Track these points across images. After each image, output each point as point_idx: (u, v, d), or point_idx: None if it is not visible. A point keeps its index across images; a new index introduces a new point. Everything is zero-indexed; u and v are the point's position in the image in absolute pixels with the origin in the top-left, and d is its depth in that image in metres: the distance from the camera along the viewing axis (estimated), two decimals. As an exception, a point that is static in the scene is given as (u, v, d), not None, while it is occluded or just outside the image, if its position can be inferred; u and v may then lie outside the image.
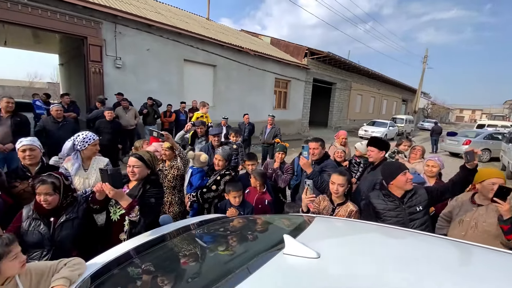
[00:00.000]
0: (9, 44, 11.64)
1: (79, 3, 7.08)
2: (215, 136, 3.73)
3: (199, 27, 11.52)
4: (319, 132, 16.46)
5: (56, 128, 4.76)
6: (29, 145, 2.31)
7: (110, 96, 7.69)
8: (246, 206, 2.66)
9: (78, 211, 1.95)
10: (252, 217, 2.36)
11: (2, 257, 1.22)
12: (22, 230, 1.78)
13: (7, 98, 4.55)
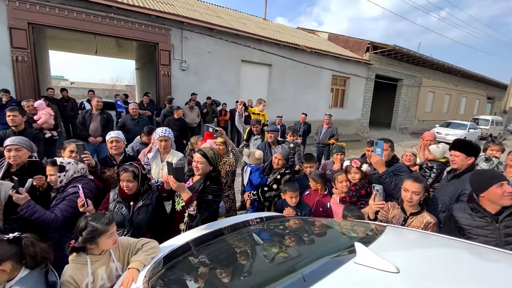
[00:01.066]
0: (99, 53, 13.79)
1: (153, 13, 7.93)
2: (271, 133, 3.72)
3: (256, 27, 11.74)
4: (381, 133, 15.11)
5: (133, 124, 5.44)
6: (115, 137, 2.68)
7: (176, 96, 8.43)
8: (303, 207, 2.58)
9: (152, 198, 2.17)
10: (312, 219, 2.27)
11: (102, 233, 1.42)
12: (109, 210, 2.06)
13: (97, 98, 5.38)
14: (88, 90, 7.84)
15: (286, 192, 2.55)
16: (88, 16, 7.11)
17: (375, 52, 14.23)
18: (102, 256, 1.52)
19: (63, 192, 2.08)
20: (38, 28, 7.08)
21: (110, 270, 1.53)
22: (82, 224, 1.44)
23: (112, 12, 7.39)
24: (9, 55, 6.43)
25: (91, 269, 1.45)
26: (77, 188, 2.07)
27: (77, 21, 7.01)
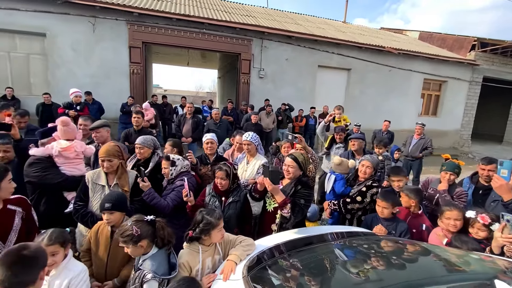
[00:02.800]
0: (190, 64, 15.80)
1: (238, 25, 8.61)
2: (355, 141, 3.49)
3: (335, 31, 11.35)
4: (487, 149, 12.38)
5: (215, 128, 5.98)
6: (211, 139, 2.99)
7: (253, 102, 8.89)
8: (399, 224, 2.30)
9: (240, 196, 2.31)
10: (411, 242, 2.00)
11: (214, 227, 1.60)
12: (205, 203, 2.30)
13: (189, 104, 6.13)
14: (181, 97, 9.06)
15: (378, 201, 2.33)
16: (186, 33, 8.24)
17: (483, 51, 11.80)
18: (210, 248, 1.69)
19: (172, 184, 2.43)
20: (148, 45, 8.60)
21: (214, 260, 1.70)
22: (199, 217, 1.64)
23: (204, 28, 8.36)
24: (127, 68, 8.01)
25: (202, 258, 1.64)
26: (183, 181, 2.38)
27: (177, 38, 8.21)
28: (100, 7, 7.38)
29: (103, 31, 7.66)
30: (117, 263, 1.84)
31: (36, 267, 1.09)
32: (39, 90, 7.40)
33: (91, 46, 7.65)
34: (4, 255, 1.06)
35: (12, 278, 1.02)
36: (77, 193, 2.16)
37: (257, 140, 3.07)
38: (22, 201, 1.83)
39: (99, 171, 2.20)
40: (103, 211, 1.78)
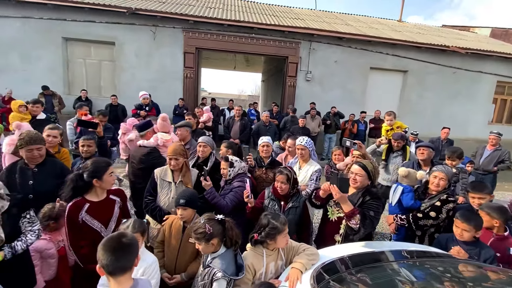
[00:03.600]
0: (236, 68, 16.29)
1: (287, 29, 8.59)
2: (424, 149, 3.16)
3: (390, 31, 10.61)
4: None
5: (265, 130, 6.00)
6: (267, 142, 2.98)
7: (298, 106, 8.75)
8: (483, 250, 1.99)
9: (300, 201, 2.24)
10: (498, 269, 1.71)
11: (280, 232, 1.58)
12: (264, 206, 2.28)
13: (238, 107, 6.27)
14: (228, 100, 9.37)
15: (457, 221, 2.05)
16: (235, 38, 8.50)
17: None
18: (273, 252, 1.67)
19: (229, 184, 2.47)
20: (200, 51, 9.07)
21: (277, 266, 1.67)
22: (264, 221, 1.63)
23: (253, 33, 8.52)
24: (182, 73, 8.55)
25: (266, 262, 1.62)
26: (242, 183, 2.41)
27: (227, 43, 8.51)
28: (160, 16, 8.03)
29: (162, 39, 8.31)
30: (186, 257, 1.92)
31: (133, 254, 1.19)
32: (107, 92, 8.33)
33: (151, 53, 8.36)
34: (107, 241, 1.17)
35: (115, 262, 1.12)
36: (147, 187, 2.33)
37: (311, 145, 2.97)
38: (120, 192, 2.04)
39: (166, 168, 2.34)
40: (178, 206, 1.89)
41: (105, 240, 1.18)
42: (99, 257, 1.14)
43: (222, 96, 34.96)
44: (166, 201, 2.25)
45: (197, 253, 1.91)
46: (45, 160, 2.21)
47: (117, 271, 1.12)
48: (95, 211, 1.87)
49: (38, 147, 2.17)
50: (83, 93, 7.70)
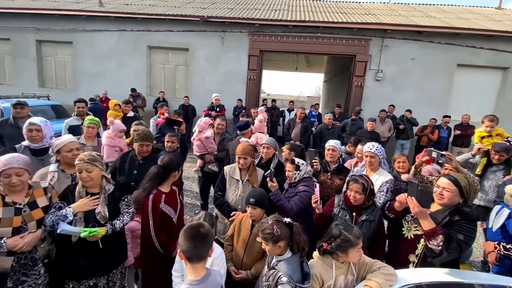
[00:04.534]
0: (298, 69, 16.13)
1: (355, 26, 8.05)
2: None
3: (485, 20, 8.92)
4: None
5: (328, 134, 5.74)
6: (333, 146, 2.83)
7: (366, 107, 8.11)
8: None
9: (375, 215, 2.04)
10: None
11: (353, 246, 1.46)
12: (332, 214, 2.15)
13: (301, 108, 6.15)
14: (289, 101, 9.31)
15: None
16: (300, 39, 8.38)
17: None
18: (344, 265, 1.56)
19: (294, 188, 2.42)
20: (264, 53, 9.25)
21: (347, 280, 1.55)
22: (335, 232, 1.53)
23: (319, 32, 8.26)
24: (245, 75, 8.88)
25: (335, 274, 1.52)
26: (307, 187, 2.33)
27: (291, 44, 8.47)
28: (229, 22, 8.49)
29: (229, 43, 8.78)
30: (253, 255, 1.95)
31: (208, 244, 1.28)
32: (181, 94, 9.23)
33: (219, 57, 8.92)
34: (188, 229, 1.28)
35: (193, 249, 1.22)
36: (217, 182, 2.47)
37: (382, 152, 2.67)
38: (176, 184, 2.24)
39: (234, 166, 2.44)
40: (248, 204, 1.94)
41: (187, 227, 1.29)
42: (180, 243, 1.26)
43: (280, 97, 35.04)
44: (234, 198, 2.34)
45: (264, 253, 1.92)
46: (149, 154, 2.58)
47: (194, 258, 1.22)
48: (168, 201, 2.08)
49: (147, 144, 2.55)
50: (161, 95, 8.70)
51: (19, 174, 1.66)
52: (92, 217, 1.80)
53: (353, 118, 6.64)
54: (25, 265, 1.68)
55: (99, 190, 1.88)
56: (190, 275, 1.26)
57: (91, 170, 1.80)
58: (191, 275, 1.26)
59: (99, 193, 1.87)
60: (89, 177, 1.80)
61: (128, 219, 1.96)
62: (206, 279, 1.26)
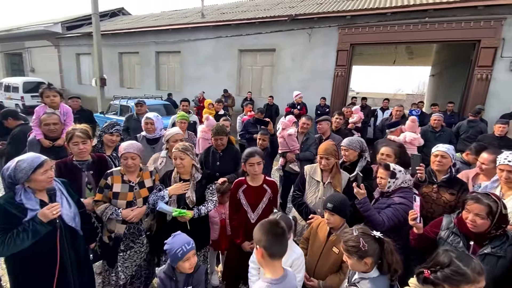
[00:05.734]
0: (396, 63, 14.16)
1: (482, 3, 6.35)
2: None
3: None
4: None
5: (434, 138, 4.73)
6: (443, 152, 2.26)
7: (491, 106, 6.33)
8: None
9: (507, 250, 1.50)
10: None
11: (469, 283, 1.13)
12: (438, 238, 1.71)
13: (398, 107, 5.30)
14: (383, 99, 8.24)
15: None
16: (400, 27, 7.26)
17: None
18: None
19: (388, 198, 2.06)
20: (355, 47, 8.49)
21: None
22: (444, 259, 1.19)
23: (427, 16, 6.94)
24: (332, 72, 8.37)
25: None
26: (405, 199, 1.94)
27: (389, 34, 7.44)
28: (317, 18, 8.18)
29: (316, 39, 8.47)
30: (327, 264, 1.78)
31: (286, 242, 1.25)
32: (266, 93, 9.56)
33: (305, 54, 8.73)
34: (267, 224, 1.28)
35: (274, 245, 1.20)
36: (296, 181, 2.37)
37: None
38: (273, 185, 2.19)
39: (315, 167, 2.27)
40: (325, 209, 1.78)
41: (265, 223, 1.27)
42: (258, 238, 1.24)
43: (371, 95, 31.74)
44: (313, 200, 2.18)
45: (341, 265, 1.71)
46: (227, 146, 2.77)
47: (276, 254, 1.20)
48: (248, 193, 2.13)
49: (221, 137, 2.74)
50: (249, 94, 9.22)
51: (133, 157, 2.00)
52: (183, 200, 2.01)
53: (471, 119, 5.24)
54: (133, 234, 2.03)
55: (189, 177, 2.09)
56: (268, 273, 1.23)
57: (183, 158, 2.01)
58: (269, 273, 1.22)
59: (189, 179, 2.08)
60: (181, 164, 2.01)
61: (212, 206, 2.10)
62: (284, 280, 1.21)
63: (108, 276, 2.08)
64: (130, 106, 6.95)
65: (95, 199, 1.99)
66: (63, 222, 1.63)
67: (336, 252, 1.76)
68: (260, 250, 1.23)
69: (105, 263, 2.10)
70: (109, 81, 9.93)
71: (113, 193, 1.96)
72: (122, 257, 2.00)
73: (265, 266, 1.25)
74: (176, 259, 1.53)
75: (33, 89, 10.79)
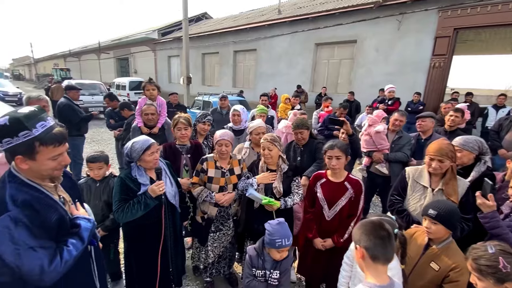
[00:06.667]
0: (513, 50, 11.28)
1: None
2: None
3: None
4: None
5: None
6: None
7: None
8: None
9: None
10: None
11: None
12: None
13: None
14: (499, 94, 6.63)
15: None
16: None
17: None
18: None
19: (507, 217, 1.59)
20: (460, 32, 7.08)
21: None
22: None
23: None
24: (427, 62, 7.21)
25: None
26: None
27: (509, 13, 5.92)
28: (411, 1, 7.15)
29: (408, 26, 7.44)
30: (421, 281, 1.50)
31: (392, 246, 1.11)
32: (342, 89, 8.98)
33: (393, 44, 7.78)
34: (370, 225, 1.13)
35: (381, 248, 1.07)
36: (395, 185, 2.08)
37: None
38: (357, 184, 1.96)
39: (421, 169, 1.93)
40: (425, 216, 1.49)
41: (367, 223, 1.14)
42: (358, 237, 1.13)
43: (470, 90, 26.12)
44: (417, 208, 1.86)
45: (439, 284, 1.41)
46: (308, 141, 2.67)
47: (381, 258, 1.07)
48: (326, 188, 1.98)
49: (301, 131, 2.65)
50: (323, 90, 8.83)
51: (227, 144, 2.10)
52: (270, 190, 2.01)
53: None
54: (223, 217, 2.14)
55: (276, 168, 2.07)
56: (371, 277, 1.09)
57: (271, 149, 2.01)
58: (372, 278, 1.08)
59: (276, 170, 2.07)
60: (269, 154, 2.01)
61: (298, 199, 2.04)
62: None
63: (198, 253, 2.26)
64: (211, 101, 7.54)
65: (192, 182, 2.18)
66: (166, 198, 1.83)
67: (435, 269, 1.46)
68: (361, 250, 1.11)
69: (196, 240, 2.28)
70: (193, 79, 11.04)
71: (208, 177, 2.10)
72: (212, 237, 2.14)
73: (366, 269, 1.11)
74: (272, 246, 1.53)
75: (136, 87, 12.89)
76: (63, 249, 1.05)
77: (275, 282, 1.59)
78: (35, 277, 0.97)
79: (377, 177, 3.29)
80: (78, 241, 1.11)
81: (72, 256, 1.06)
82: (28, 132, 0.99)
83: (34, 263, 0.96)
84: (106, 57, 23.33)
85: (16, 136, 0.97)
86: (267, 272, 1.63)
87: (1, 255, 0.93)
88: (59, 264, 1.02)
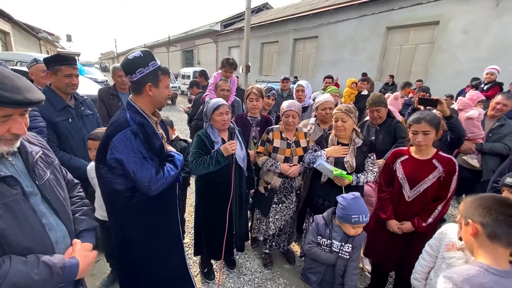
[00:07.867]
0: None
1: None
2: None
3: None
4: None
5: None
6: None
7: None
8: None
9: None
10: None
11: None
12: None
13: None
14: None
15: None
16: None
17: None
18: None
19: None
20: None
21: None
22: None
23: None
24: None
25: None
26: None
27: None
28: (521, -32, 5.82)
29: (509, 2, 6.09)
30: None
31: None
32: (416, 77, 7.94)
33: (488, 25, 6.49)
34: (488, 199, 0.93)
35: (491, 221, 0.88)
36: (500, 171, 1.71)
37: None
38: (449, 163, 1.63)
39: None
40: (504, 186, 1.20)
41: (488, 196, 0.95)
42: (475, 212, 0.92)
43: None
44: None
45: None
46: (386, 120, 2.39)
47: (498, 236, 0.87)
48: (409, 165, 1.71)
49: (378, 109, 2.37)
50: (388, 79, 7.95)
51: (294, 116, 2.02)
52: (341, 164, 1.85)
53: None
54: (286, 189, 2.08)
55: (348, 142, 1.90)
56: (484, 257, 0.88)
57: (346, 120, 1.84)
58: (484, 258, 0.88)
59: (348, 144, 1.90)
60: (343, 126, 1.85)
61: (372, 177, 1.85)
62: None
63: (258, 225, 2.25)
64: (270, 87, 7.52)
65: (257, 151, 2.16)
66: (236, 160, 1.85)
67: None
68: (474, 225, 0.90)
69: (257, 212, 2.28)
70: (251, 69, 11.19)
71: (273, 147, 2.06)
72: (274, 209, 2.10)
73: (479, 247, 0.90)
74: (347, 221, 1.42)
75: (199, 76, 13.72)
76: (164, 167, 1.29)
77: (347, 255, 1.46)
78: (145, 184, 1.19)
79: (464, 170, 2.78)
80: (174, 167, 1.33)
81: (170, 175, 1.28)
82: (155, 62, 1.25)
83: (146, 171, 1.19)
84: (174, 50, 25.46)
85: (147, 66, 1.23)
86: (335, 243, 1.51)
87: (124, 162, 1.16)
88: (162, 177, 1.24)
